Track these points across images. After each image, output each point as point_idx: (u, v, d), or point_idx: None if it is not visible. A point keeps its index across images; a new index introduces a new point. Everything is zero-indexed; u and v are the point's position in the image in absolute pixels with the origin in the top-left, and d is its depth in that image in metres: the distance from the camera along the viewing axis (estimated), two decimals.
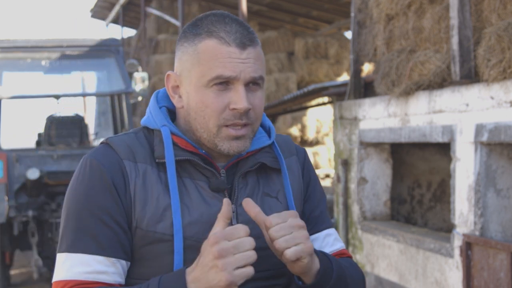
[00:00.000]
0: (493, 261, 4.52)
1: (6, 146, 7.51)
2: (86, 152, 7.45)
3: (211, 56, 1.47)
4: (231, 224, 1.49)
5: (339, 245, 1.68)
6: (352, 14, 6.95)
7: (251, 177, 1.58)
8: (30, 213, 6.94)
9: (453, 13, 4.94)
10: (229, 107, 1.47)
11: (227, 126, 1.48)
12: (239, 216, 1.53)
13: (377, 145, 6.54)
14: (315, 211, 1.67)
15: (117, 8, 16.24)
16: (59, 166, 7.30)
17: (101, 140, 1.61)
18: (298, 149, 1.71)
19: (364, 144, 6.55)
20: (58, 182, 7.29)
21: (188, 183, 1.51)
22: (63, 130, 7.85)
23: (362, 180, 6.56)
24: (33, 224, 7.01)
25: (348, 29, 14.19)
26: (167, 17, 12.81)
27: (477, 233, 4.70)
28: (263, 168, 1.60)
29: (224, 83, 1.47)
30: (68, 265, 1.45)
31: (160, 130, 1.53)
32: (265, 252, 1.49)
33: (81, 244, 1.45)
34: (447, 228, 6.26)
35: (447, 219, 6.42)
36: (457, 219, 4.95)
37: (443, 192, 6.65)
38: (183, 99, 1.54)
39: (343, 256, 1.67)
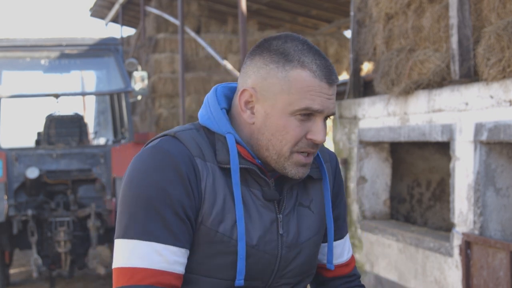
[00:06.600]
0: (492, 260, 4.52)
1: (5, 145, 7.50)
2: (85, 151, 7.50)
3: (303, 87, 1.50)
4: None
5: (345, 256, 1.79)
6: (352, 13, 6.95)
7: (295, 188, 1.64)
8: (30, 212, 6.94)
9: (453, 12, 4.94)
10: (306, 136, 1.52)
11: (298, 152, 1.53)
12: (284, 226, 1.59)
13: (377, 144, 6.53)
14: (339, 219, 1.76)
15: (116, 7, 16.22)
16: (58, 165, 7.30)
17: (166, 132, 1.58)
18: (331, 155, 1.76)
19: (363, 143, 6.54)
20: (58, 181, 7.29)
21: (244, 191, 1.55)
22: (63, 129, 7.83)
23: (362, 179, 6.55)
24: (32, 223, 7.00)
25: (347, 28, 14.17)
26: (167, 16, 12.79)
27: (476, 232, 4.70)
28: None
29: (309, 114, 1.51)
30: (141, 252, 1.45)
31: (225, 136, 1.55)
32: (295, 262, 1.60)
33: (155, 233, 1.46)
34: (447, 227, 6.26)
35: (446, 218, 6.42)
36: (456, 218, 4.95)
37: (442, 191, 6.64)
38: (257, 116, 1.54)
39: (346, 271, 1.79)
